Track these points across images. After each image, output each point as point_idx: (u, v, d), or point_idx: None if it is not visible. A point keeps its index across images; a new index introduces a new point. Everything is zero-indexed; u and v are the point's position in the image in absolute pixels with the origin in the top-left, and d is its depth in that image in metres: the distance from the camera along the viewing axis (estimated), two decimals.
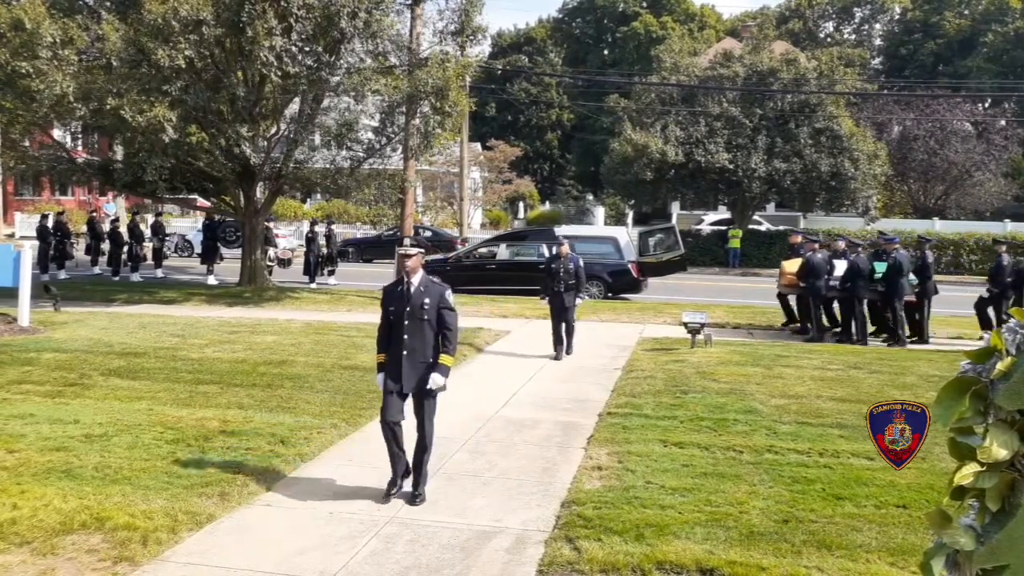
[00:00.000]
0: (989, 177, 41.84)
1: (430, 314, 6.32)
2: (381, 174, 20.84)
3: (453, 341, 6.44)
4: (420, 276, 6.41)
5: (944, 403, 2.24)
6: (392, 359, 6.40)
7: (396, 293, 6.45)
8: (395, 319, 6.37)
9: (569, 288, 12.82)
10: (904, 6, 69.94)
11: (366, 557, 5.37)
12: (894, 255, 14.32)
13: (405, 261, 6.39)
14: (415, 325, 6.30)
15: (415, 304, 6.30)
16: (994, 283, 14.79)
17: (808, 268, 14.52)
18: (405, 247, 6.42)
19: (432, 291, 6.38)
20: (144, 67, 16.21)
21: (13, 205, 39.37)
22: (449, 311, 6.41)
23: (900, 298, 14.27)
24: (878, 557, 5.38)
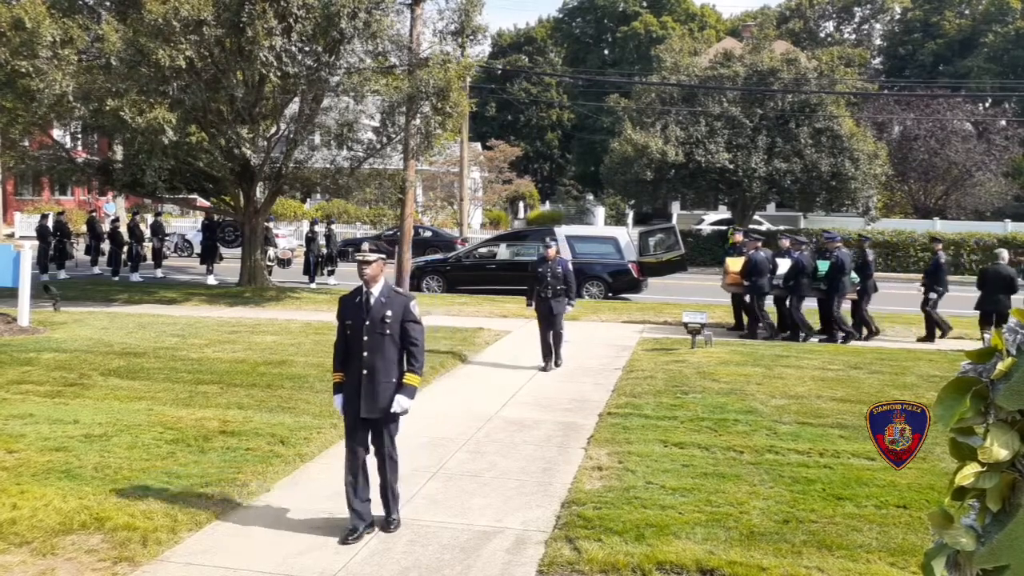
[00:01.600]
0: (989, 177, 41.84)
1: (392, 328, 5.66)
2: (381, 174, 20.84)
3: (419, 358, 5.77)
4: (381, 285, 5.76)
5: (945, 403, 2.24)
6: (350, 379, 5.73)
7: (354, 304, 5.77)
8: (353, 334, 5.71)
9: (557, 294, 11.90)
10: (904, 6, 69.93)
11: (366, 557, 5.37)
12: (836, 254, 14.46)
13: (363, 268, 5.67)
14: (375, 340, 5.65)
15: (375, 317, 5.65)
16: (937, 282, 14.79)
17: (751, 266, 14.60)
18: (363, 252, 5.70)
19: (395, 302, 5.73)
20: (144, 67, 16.21)
21: (13, 205, 39.38)
22: (414, 324, 5.74)
23: (841, 296, 14.42)
24: (878, 557, 5.38)
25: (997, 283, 13.80)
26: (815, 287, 14.67)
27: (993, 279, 13.89)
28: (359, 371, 5.67)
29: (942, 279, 14.85)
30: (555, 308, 11.85)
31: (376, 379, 5.65)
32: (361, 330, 5.67)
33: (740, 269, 15.00)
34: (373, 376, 5.65)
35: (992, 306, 13.61)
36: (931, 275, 15.09)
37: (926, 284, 15.07)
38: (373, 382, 5.65)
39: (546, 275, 11.97)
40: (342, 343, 5.83)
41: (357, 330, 5.68)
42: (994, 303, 13.62)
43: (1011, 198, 44.56)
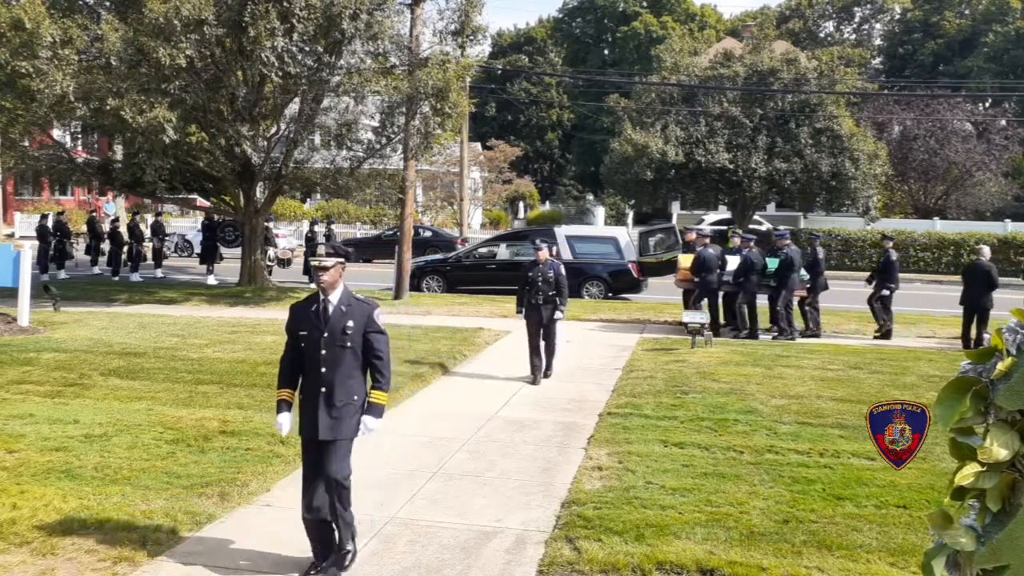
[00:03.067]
0: (989, 177, 41.83)
1: (354, 340, 5.08)
2: (381, 174, 20.84)
3: (386, 373, 5.19)
4: (340, 292, 5.18)
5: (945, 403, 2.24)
6: (306, 398, 5.14)
7: (309, 314, 5.16)
8: (309, 347, 5.10)
9: (549, 300, 10.90)
10: (904, 6, 69.95)
11: (366, 557, 5.37)
12: (785, 251, 14.62)
13: (320, 275, 5.10)
14: (335, 354, 5.05)
15: (335, 328, 5.07)
16: (888, 279, 14.98)
17: (700, 263, 14.68)
18: (319, 257, 5.12)
19: (356, 311, 5.15)
20: (144, 67, 16.21)
21: (13, 205, 39.38)
22: (378, 335, 5.17)
23: (790, 292, 14.57)
24: (878, 557, 5.38)
25: (979, 279, 14.01)
26: (764, 283, 14.86)
27: (974, 275, 14.12)
28: (317, 389, 5.07)
29: (893, 276, 15.05)
30: (546, 316, 10.92)
31: (337, 398, 5.05)
32: (318, 343, 5.07)
33: (689, 266, 15.15)
34: (333, 395, 5.05)
35: (974, 302, 13.87)
36: (881, 272, 15.27)
37: (876, 281, 15.27)
38: (333, 401, 5.05)
39: (537, 279, 10.95)
40: (290, 358, 5.24)
41: (314, 343, 5.08)
42: (976, 299, 13.88)
43: (1011, 198, 44.56)
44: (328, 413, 5.05)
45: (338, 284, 5.19)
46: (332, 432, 5.04)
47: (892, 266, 15.13)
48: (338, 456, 5.10)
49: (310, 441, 5.12)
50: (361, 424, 5.13)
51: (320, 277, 5.12)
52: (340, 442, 5.09)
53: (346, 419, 5.07)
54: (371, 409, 5.17)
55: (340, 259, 5.20)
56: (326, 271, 5.11)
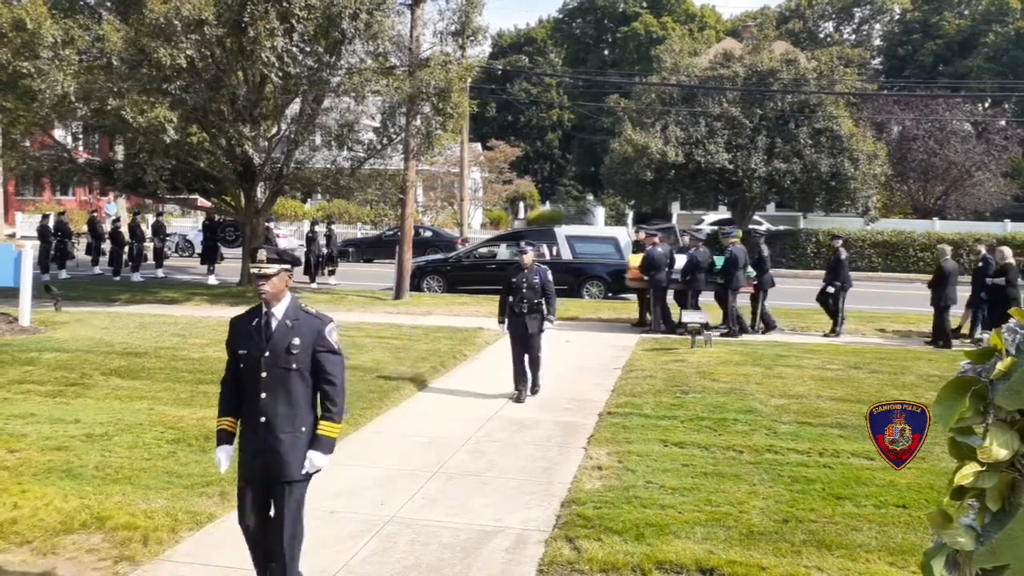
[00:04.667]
0: (989, 177, 41.80)
1: (301, 361, 4.38)
2: (382, 174, 20.85)
3: (338, 400, 4.46)
4: (286, 304, 4.47)
5: (944, 403, 2.25)
6: (245, 428, 4.47)
7: (249, 329, 4.46)
8: (248, 368, 4.41)
9: (534, 309, 9.95)
10: (904, 6, 69.94)
11: (366, 556, 5.38)
12: (730, 249, 14.89)
13: (261, 284, 4.39)
14: (278, 377, 4.36)
15: (278, 346, 4.37)
16: (837, 277, 15.16)
17: (648, 261, 14.90)
18: (259, 263, 4.40)
19: (305, 326, 4.42)
20: (145, 67, 16.22)
21: (14, 205, 39.38)
22: (331, 355, 4.45)
23: (735, 290, 14.82)
24: (878, 557, 5.39)
25: (951, 279, 14.45)
26: (711, 281, 15.16)
27: (949, 275, 14.45)
28: (256, 419, 4.37)
29: (842, 274, 15.22)
30: (531, 327, 9.94)
31: (279, 429, 4.36)
32: (259, 364, 4.36)
33: (639, 264, 15.33)
34: (274, 425, 4.35)
35: (948, 300, 14.28)
36: (832, 271, 15.46)
37: (827, 279, 15.49)
38: (274, 433, 4.36)
39: (521, 286, 9.97)
40: (232, 380, 4.55)
41: (254, 364, 4.38)
42: (948, 297, 14.30)
43: (1010, 198, 44.53)
44: (269, 447, 4.37)
45: (283, 295, 4.47)
46: (271, 470, 4.38)
47: (841, 265, 15.34)
48: (292, 496, 4.47)
49: (248, 479, 4.44)
50: (307, 460, 4.39)
51: (260, 287, 4.40)
52: (293, 483, 4.43)
53: (290, 454, 4.38)
54: (318, 443, 4.42)
55: (285, 265, 4.47)
56: (267, 280, 4.38)
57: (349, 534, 5.72)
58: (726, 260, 14.86)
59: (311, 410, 4.48)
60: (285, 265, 4.46)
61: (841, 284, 15.13)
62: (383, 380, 10.30)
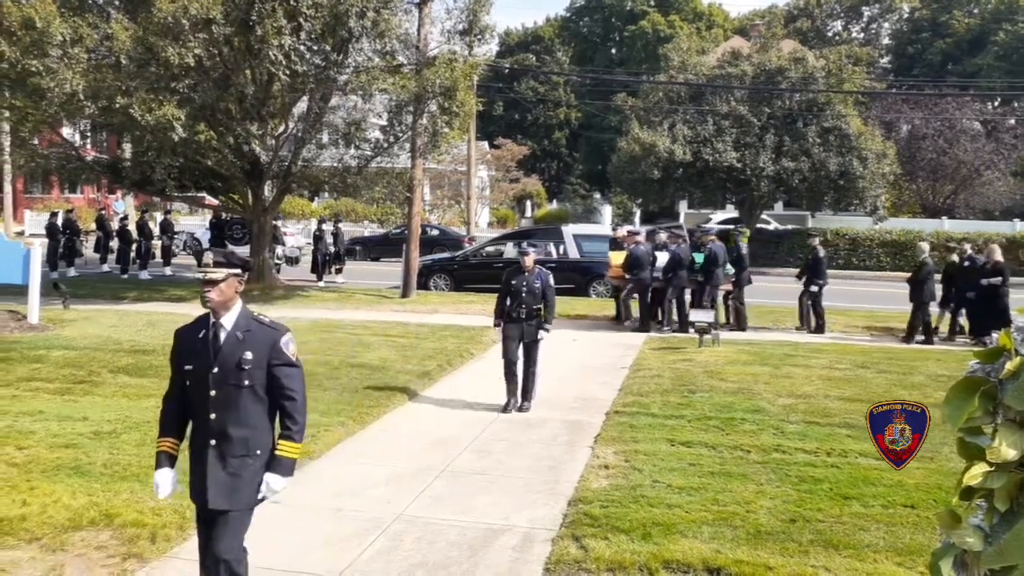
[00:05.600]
0: (998, 176, 41.62)
1: (254, 376, 3.92)
2: (389, 173, 20.87)
3: (299, 417, 4.00)
4: (236, 313, 3.99)
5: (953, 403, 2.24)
6: (193, 452, 4.02)
7: (196, 342, 4.00)
8: (195, 385, 3.95)
9: (533, 315, 9.27)
10: (913, 5, 69.72)
11: (373, 555, 5.38)
12: (710, 246, 15.15)
13: (206, 291, 3.92)
14: (228, 395, 3.90)
15: (227, 360, 3.91)
16: (817, 275, 15.38)
17: (632, 260, 15.00)
18: (206, 265, 3.94)
19: (257, 338, 3.96)
20: (153, 66, 16.26)
21: (23, 203, 39.54)
22: (288, 368, 3.99)
23: (716, 287, 15.10)
24: (885, 557, 5.37)
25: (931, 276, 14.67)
26: (692, 278, 15.32)
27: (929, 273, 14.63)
28: (205, 441, 3.94)
29: (821, 272, 15.41)
30: (528, 334, 9.27)
31: (230, 453, 3.91)
32: (206, 381, 3.91)
33: (622, 263, 15.40)
34: (226, 448, 3.91)
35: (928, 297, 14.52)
36: (811, 269, 15.62)
37: (807, 278, 15.68)
38: (226, 457, 3.91)
39: (520, 290, 9.30)
40: (176, 397, 4.07)
41: (201, 381, 3.92)
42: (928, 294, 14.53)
43: (1020, 197, 44.32)
44: (219, 474, 3.91)
45: (232, 303, 3.99)
46: (224, 499, 3.90)
47: (820, 263, 15.51)
48: (230, 531, 3.93)
49: (201, 509, 4.01)
50: (263, 484, 3.95)
51: (205, 294, 3.92)
52: (233, 514, 3.92)
53: (245, 479, 3.92)
54: (277, 465, 3.97)
55: (235, 269, 3.98)
56: (213, 286, 3.91)
57: (356, 532, 5.73)
58: (705, 257, 15.12)
59: (268, 431, 4.02)
60: (234, 269, 3.97)
61: (822, 282, 15.38)
62: (390, 378, 10.31)
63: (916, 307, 14.65)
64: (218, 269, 3.92)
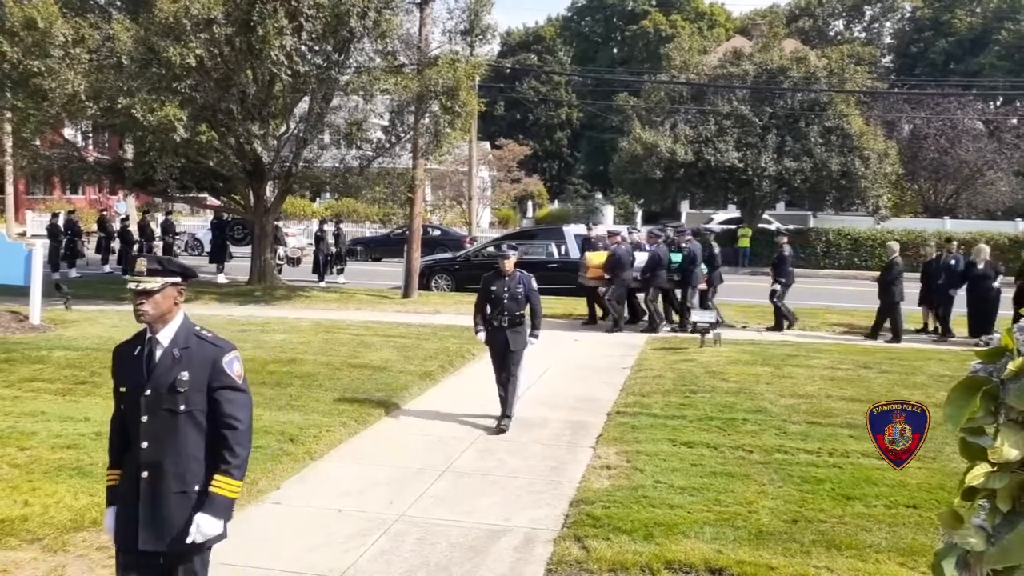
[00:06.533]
0: (1000, 176, 41.60)
1: (192, 400, 3.42)
2: (390, 173, 20.86)
3: (239, 450, 3.46)
4: (175, 328, 3.54)
5: (955, 403, 2.24)
6: (124, 485, 3.51)
7: (131, 360, 3.54)
8: (128, 410, 3.48)
9: (516, 322, 8.60)
10: (915, 4, 69.69)
11: (375, 555, 5.38)
12: (687, 246, 15.35)
13: (139, 303, 3.49)
14: (161, 422, 3.41)
15: (161, 381, 3.43)
16: (780, 274, 15.43)
17: (615, 261, 15.01)
18: (138, 274, 3.49)
19: (197, 356, 3.48)
20: (155, 66, 16.27)
21: (24, 204, 39.59)
22: (232, 392, 3.48)
23: (694, 286, 15.29)
24: (888, 557, 5.36)
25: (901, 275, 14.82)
26: (670, 278, 15.46)
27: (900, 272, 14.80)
28: (136, 472, 3.43)
29: (785, 271, 15.48)
30: (512, 342, 8.56)
31: (164, 487, 3.41)
32: (138, 403, 3.43)
33: (603, 264, 15.35)
34: (158, 482, 3.40)
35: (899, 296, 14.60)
36: (776, 267, 15.69)
37: (772, 276, 15.78)
38: (158, 492, 3.40)
39: (501, 296, 8.67)
40: (120, 421, 3.58)
41: (133, 404, 3.45)
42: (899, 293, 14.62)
43: (1022, 197, 44.31)
44: (151, 510, 3.40)
45: (171, 316, 3.53)
46: (154, 539, 3.39)
47: (783, 261, 15.58)
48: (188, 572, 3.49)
49: (128, 552, 3.45)
50: (193, 526, 3.37)
51: (139, 306, 3.48)
52: (186, 559, 3.46)
53: (177, 519, 3.41)
54: (210, 504, 3.40)
55: (173, 278, 3.52)
56: (148, 297, 3.46)
57: (358, 532, 5.73)
58: (684, 257, 15.27)
59: (207, 463, 3.48)
60: (172, 278, 3.51)
61: (784, 281, 15.42)
62: (391, 379, 10.31)
63: (885, 306, 14.78)
64: (153, 278, 3.46)
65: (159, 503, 3.39)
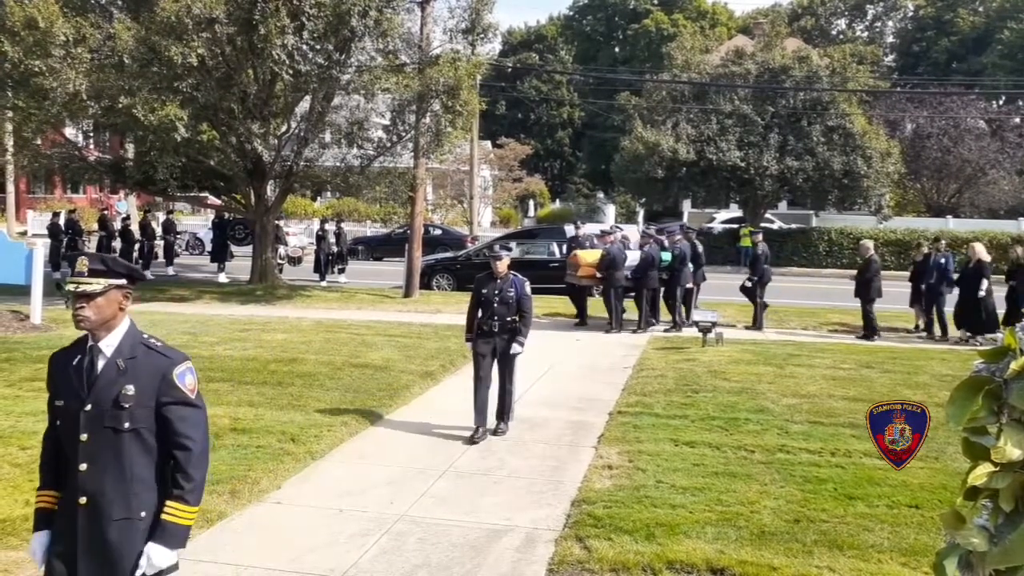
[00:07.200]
0: (1003, 175, 41.52)
1: (138, 417, 3.05)
2: (392, 172, 20.87)
3: (195, 472, 3.10)
4: (119, 336, 3.18)
5: (957, 403, 2.22)
6: (61, 511, 3.14)
7: (69, 371, 3.16)
8: (65, 427, 3.11)
9: (506, 328, 8.14)
10: (917, 3, 69.62)
11: (376, 555, 5.37)
12: (678, 245, 15.51)
13: (79, 308, 3.11)
14: (103, 441, 3.03)
15: (103, 396, 3.04)
16: (754, 272, 15.84)
17: (609, 260, 15.04)
18: (79, 274, 3.11)
19: (144, 368, 3.11)
20: (156, 65, 16.28)
21: (25, 203, 39.64)
22: (185, 408, 3.12)
23: (683, 285, 15.46)
24: (890, 557, 5.35)
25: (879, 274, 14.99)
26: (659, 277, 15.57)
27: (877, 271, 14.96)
28: (74, 499, 3.06)
29: (757, 268, 15.78)
30: (501, 347, 8.20)
31: (105, 513, 3.01)
32: (77, 420, 3.04)
33: (597, 262, 15.34)
34: (99, 507, 3.01)
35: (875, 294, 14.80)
36: (752, 266, 16.07)
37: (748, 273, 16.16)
38: (99, 519, 3.01)
39: (492, 300, 8.13)
40: (55, 439, 3.22)
41: (71, 420, 3.06)
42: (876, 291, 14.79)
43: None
44: (92, 541, 3.02)
45: (115, 323, 3.18)
46: (97, 573, 3.03)
47: (757, 259, 15.90)
48: None
49: None
50: (143, 557, 3.03)
51: (79, 311, 3.10)
52: None
53: (122, 551, 3.03)
54: (162, 533, 3.05)
55: (117, 279, 3.16)
56: (89, 300, 3.08)
57: (359, 532, 5.72)
58: (673, 256, 15.36)
59: (157, 487, 3.11)
60: (117, 279, 3.14)
61: (759, 278, 15.64)
62: (393, 378, 10.31)
63: (864, 304, 14.87)
64: (94, 279, 3.08)
65: (100, 531, 3.00)
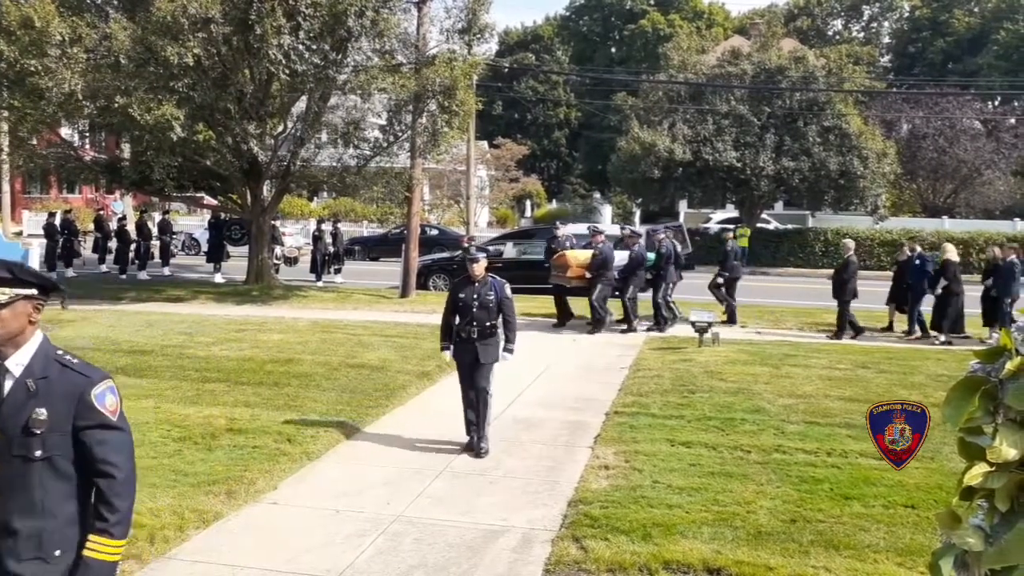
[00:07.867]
0: (999, 176, 41.62)
1: (52, 444, 2.73)
2: (388, 172, 20.85)
3: (120, 503, 2.81)
4: (31, 354, 2.83)
5: (953, 403, 2.23)
6: None
7: None
8: None
9: (487, 333, 7.65)
10: (913, 4, 69.73)
11: (372, 555, 5.37)
12: (664, 244, 15.64)
13: None
14: (13, 471, 2.72)
15: (12, 423, 2.72)
16: (723, 268, 16.27)
17: (601, 260, 15.05)
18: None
19: (58, 388, 2.80)
20: (152, 65, 16.25)
21: (21, 203, 39.52)
22: (105, 432, 2.81)
23: (668, 283, 15.54)
24: (886, 557, 5.36)
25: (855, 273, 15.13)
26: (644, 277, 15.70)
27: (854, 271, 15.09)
28: None
29: (727, 265, 16.25)
30: (482, 354, 7.63)
31: (13, 552, 2.71)
32: None
33: (588, 263, 15.28)
34: (9, 547, 2.71)
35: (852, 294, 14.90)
36: (722, 263, 16.49)
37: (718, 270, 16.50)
38: (10, 560, 2.71)
39: (470, 305, 7.65)
40: None
41: None
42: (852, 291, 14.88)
43: (1020, 196, 44.33)
44: None
45: (24, 338, 2.81)
46: None
47: (727, 256, 16.38)
48: None
49: None
50: None
51: None
52: None
53: None
54: (84, 571, 2.72)
55: (27, 290, 2.79)
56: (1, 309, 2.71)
57: (355, 533, 5.72)
58: (658, 255, 15.48)
59: (76, 521, 2.78)
60: (26, 289, 2.78)
61: (729, 275, 16.05)
62: (389, 378, 10.30)
63: (841, 303, 14.96)
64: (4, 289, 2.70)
65: (9, 573, 2.68)
